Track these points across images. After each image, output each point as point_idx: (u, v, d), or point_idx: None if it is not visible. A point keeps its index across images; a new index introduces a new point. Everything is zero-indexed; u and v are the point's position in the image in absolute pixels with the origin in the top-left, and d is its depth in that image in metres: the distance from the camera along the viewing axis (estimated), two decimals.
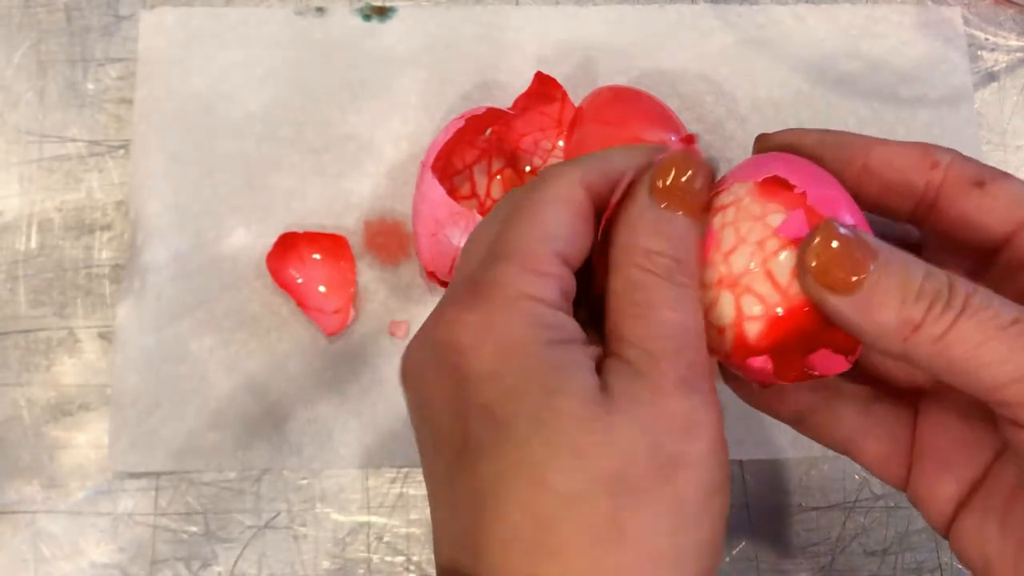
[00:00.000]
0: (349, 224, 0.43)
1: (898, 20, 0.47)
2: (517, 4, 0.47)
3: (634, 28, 0.47)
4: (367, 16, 0.46)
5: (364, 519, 0.41)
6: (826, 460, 0.42)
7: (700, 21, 0.47)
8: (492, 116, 0.41)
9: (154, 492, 0.41)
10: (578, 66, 0.46)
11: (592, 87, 0.43)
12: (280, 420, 0.41)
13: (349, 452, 0.41)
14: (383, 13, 0.46)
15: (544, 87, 0.42)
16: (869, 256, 0.20)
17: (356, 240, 0.43)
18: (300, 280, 0.42)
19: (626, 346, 0.21)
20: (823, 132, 0.24)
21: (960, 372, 0.20)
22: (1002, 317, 0.19)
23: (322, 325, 0.42)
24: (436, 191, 0.39)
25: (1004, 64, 0.47)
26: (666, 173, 0.22)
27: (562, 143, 0.44)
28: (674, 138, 0.40)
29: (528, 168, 0.44)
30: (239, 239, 0.43)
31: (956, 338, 0.19)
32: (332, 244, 0.42)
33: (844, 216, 0.21)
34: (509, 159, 0.44)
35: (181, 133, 0.44)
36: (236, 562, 0.40)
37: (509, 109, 0.42)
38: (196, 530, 0.40)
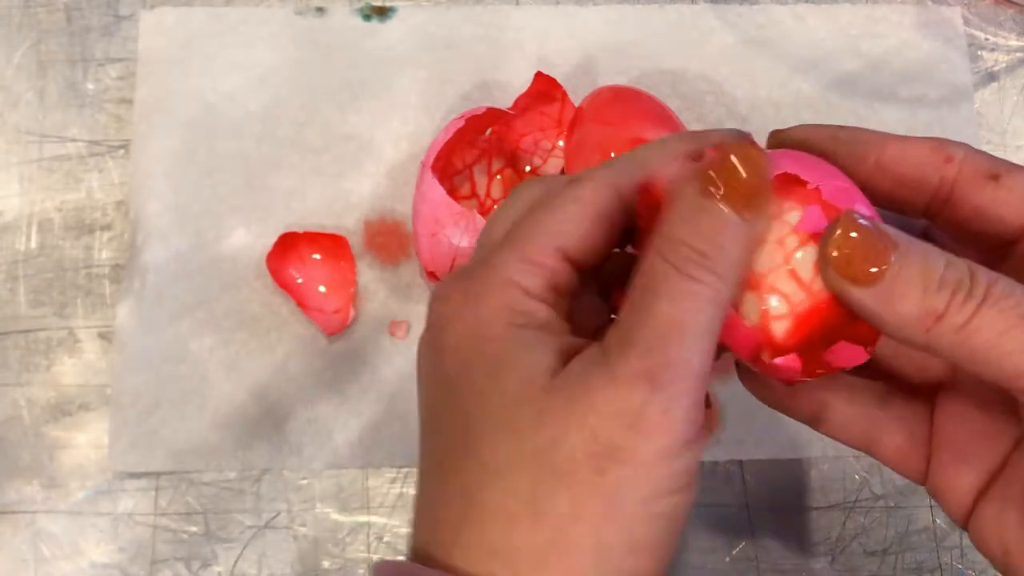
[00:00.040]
0: (349, 224, 0.43)
1: (898, 20, 0.47)
2: (517, 4, 0.47)
3: (634, 28, 0.47)
4: (367, 16, 0.46)
5: (364, 519, 0.41)
6: (826, 460, 0.42)
7: (700, 21, 0.47)
8: (492, 116, 0.41)
9: (154, 492, 0.41)
10: (578, 66, 0.46)
11: (592, 87, 0.43)
12: (280, 420, 0.41)
13: (349, 452, 0.41)
14: (383, 13, 0.46)
15: (544, 87, 0.42)
16: (890, 246, 0.20)
17: (356, 240, 0.43)
18: (300, 280, 0.42)
19: (611, 330, 0.21)
20: (836, 128, 0.24)
21: (982, 361, 0.20)
22: None
23: (322, 325, 0.42)
24: (436, 191, 0.39)
25: (1004, 64, 0.47)
26: (721, 166, 0.21)
27: (562, 143, 0.44)
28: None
29: (528, 168, 0.44)
30: (239, 239, 0.43)
31: (979, 327, 0.19)
32: (332, 244, 0.42)
33: (860, 209, 0.21)
34: (509, 159, 0.44)
35: (181, 133, 0.44)
36: (236, 562, 0.40)
37: (509, 109, 0.42)
38: (196, 530, 0.40)
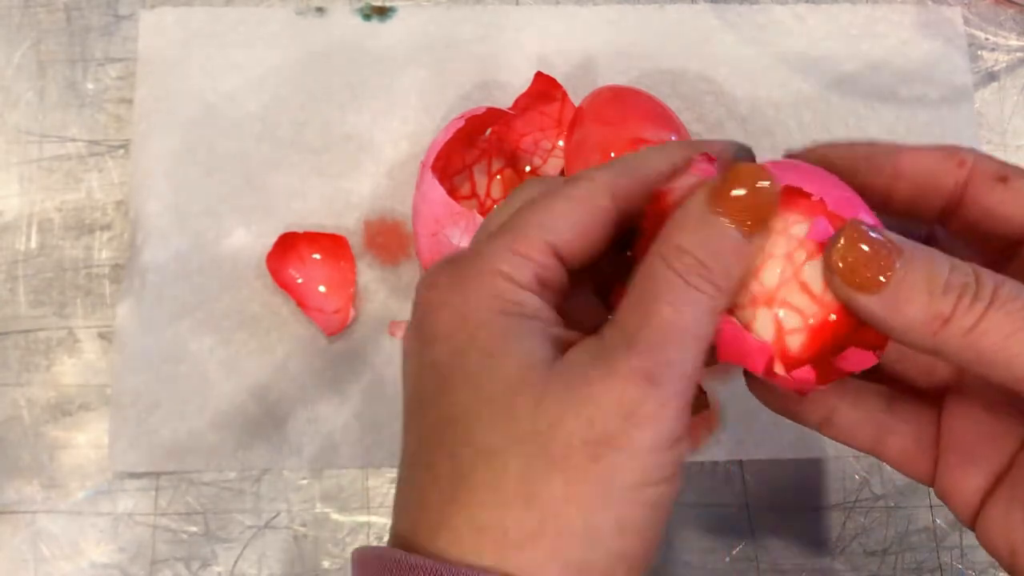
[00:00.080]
0: (349, 224, 0.43)
1: (898, 20, 0.47)
2: (517, 4, 0.47)
3: (634, 28, 0.46)
4: (367, 16, 0.46)
5: (364, 519, 0.41)
6: (826, 460, 0.42)
7: (700, 21, 0.47)
8: (492, 116, 0.41)
9: (154, 492, 0.41)
10: (578, 66, 0.46)
11: (592, 87, 0.43)
12: (280, 420, 0.41)
13: (349, 452, 0.41)
14: (383, 13, 0.46)
15: (544, 87, 0.42)
16: (894, 253, 0.20)
17: (356, 240, 0.43)
18: (300, 280, 0.42)
19: (610, 326, 0.21)
20: (851, 144, 0.24)
21: (990, 363, 0.20)
22: None
23: (322, 325, 0.42)
24: (436, 191, 0.39)
25: (1004, 64, 0.47)
26: (731, 183, 0.21)
27: (562, 143, 0.44)
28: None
29: (528, 168, 0.44)
30: (239, 239, 0.43)
31: (986, 329, 0.20)
32: (332, 244, 0.42)
33: (863, 217, 0.21)
34: (509, 159, 0.44)
35: (181, 133, 0.44)
36: (236, 562, 0.40)
37: (509, 109, 0.42)
38: (196, 530, 0.40)
